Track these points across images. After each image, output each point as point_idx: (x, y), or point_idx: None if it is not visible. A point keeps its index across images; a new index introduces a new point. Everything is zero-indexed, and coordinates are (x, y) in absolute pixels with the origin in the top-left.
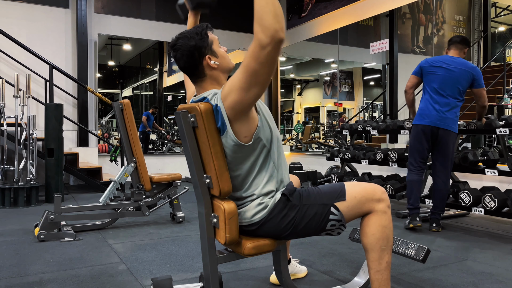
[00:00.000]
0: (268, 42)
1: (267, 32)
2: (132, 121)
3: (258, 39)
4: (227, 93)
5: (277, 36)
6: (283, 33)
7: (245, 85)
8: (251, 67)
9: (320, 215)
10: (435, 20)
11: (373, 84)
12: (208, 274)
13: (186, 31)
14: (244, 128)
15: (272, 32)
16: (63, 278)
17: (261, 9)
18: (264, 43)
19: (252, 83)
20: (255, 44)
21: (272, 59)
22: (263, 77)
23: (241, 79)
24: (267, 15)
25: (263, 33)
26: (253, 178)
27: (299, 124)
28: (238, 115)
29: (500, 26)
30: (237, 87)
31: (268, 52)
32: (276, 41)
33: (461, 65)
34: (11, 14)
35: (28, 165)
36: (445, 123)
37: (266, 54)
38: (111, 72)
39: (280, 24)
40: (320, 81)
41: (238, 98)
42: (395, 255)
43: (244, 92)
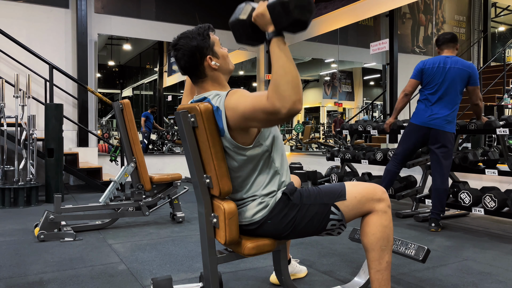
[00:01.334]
0: (283, 113)
1: (284, 103)
2: (132, 121)
3: (273, 105)
4: (230, 107)
5: (294, 108)
6: (301, 105)
7: (248, 117)
8: (259, 115)
9: (321, 215)
10: (435, 20)
11: (373, 84)
12: (208, 274)
13: (188, 31)
14: (244, 136)
15: (290, 104)
16: (63, 278)
17: (278, 78)
18: (279, 112)
19: (255, 120)
20: (269, 107)
21: (284, 121)
22: (268, 124)
23: (246, 111)
24: (285, 86)
25: (279, 102)
26: (254, 180)
27: (299, 124)
28: (236, 129)
29: (500, 26)
30: (241, 113)
31: (280, 118)
32: (292, 113)
33: (458, 64)
34: (11, 14)
35: (28, 165)
36: (440, 124)
37: (278, 119)
38: (111, 72)
39: (298, 96)
40: (320, 81)
41: (238, 121)
42: (395, 255)
43: (245, 120)
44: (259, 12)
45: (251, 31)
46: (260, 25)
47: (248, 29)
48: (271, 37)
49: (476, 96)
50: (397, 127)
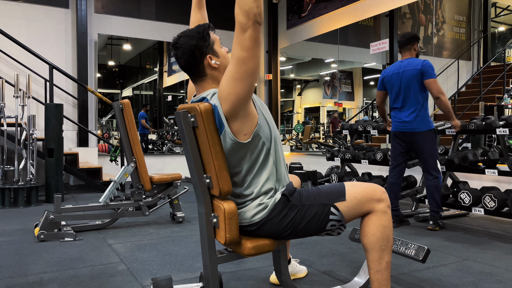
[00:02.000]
0: (246, 22)
1: (246, 15)
2: (132, 121)
3: (238, 22)
4: (222, 89)
5: (256, 19)
6: (261, 18)
7: (236, 74)
8: (238, 55)
9: (320, 215)
10: (435, 20)
11: (373, 84)
12: (208, 274)
13: (188, 30)
14: (243, 126)
15: (251, 15)
16: (63, 278)
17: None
18: (244, 25)
19: (242, 71)
20: (237, 30)
21: (255, 41)
22: (251, 64)
23: (231, 70)
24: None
25: (242, 16)
26: (254, 176)
27: (299, 124)
28: (236, 111)
29: (500, 26)
30: (229, 78)
31: (249, 34)
32: (254, 21)
33: (410, 66)
34: (11, 14)
35: (28, 165)
36: (409, 127)
37: (248, 37)
38: (111, 72)
39: (259, 9)
40: (320, 81)
41: (232, 90)
42: (395, 255)
43: (237, 81)
44: None
45: None
46: None
47: None
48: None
49: (433, 89)
50: None
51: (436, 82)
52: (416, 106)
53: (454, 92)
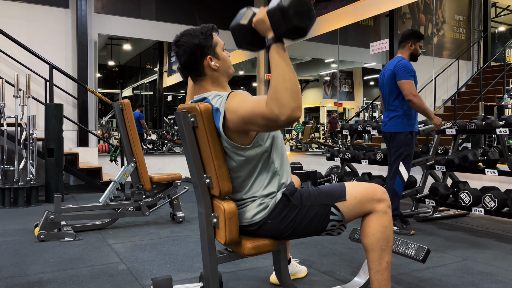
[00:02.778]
0: (282, 120)
1: (282, 110)
2: (132, 121)
3: (272, 112)
4: (230, 110)
5: (293, 115)
6: (300, 112)
7: (248, 121)
8: (258, 120)
9: (321, 216)
10: (435, 20)
11: (373, 84)
12: (208, 274)
13: (191, 29)
14: (242, 138)
15: (289, 111)
16: (63, 278)
17: (277, 84)
18: (278, 119)
19: (254, 125)
20: (268, 113)
21: (283, 128)
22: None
23: (246, 114)
24: (284, 92)
25: (278, 109)
26: (253, 181)
27: (299, 124)
28: (235, 132)
29: (500, 26)
30: (241, 116)
31: (279, 125)
32: (291, 120)
33: (389, 66)
34: (11, 14)
35: (28, 165)
36: (386, 127)
37: (277, 126)
38: (111, 72)
39: (297, 103)
40: (320, 81)
41: (237, 123)
42: (395, 255)
43: (245, 124)
44: (259, 18)
45: (251, 37)
46: (260, 30)
47: (248, 34)
48: (271, 43)
49: (404, 91)
50: None
51: (407, 83)
52: (395, 107)
53: (454, 92)
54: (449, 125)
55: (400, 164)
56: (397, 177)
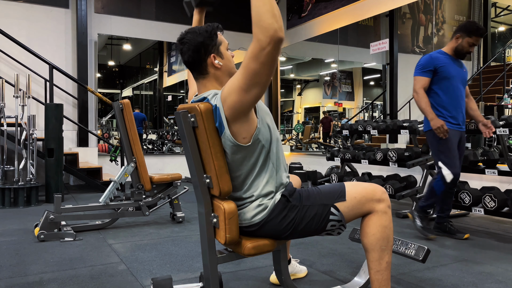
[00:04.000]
0: (267, 42)
1: (266, 33)
2: (132, 121)
3: (257, 39)
4: (226, 94)
5: (276, 35)
6: (282, 32)
7: (245, 85)
8: (251, 67)
9: (320, 216)
10: (435, 20)
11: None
12: (208, 274)
13: (196, 27)
14: (243, 129)
15: (271, 32)
16: (63, 278)
17: (258, 9)
18: (264, 44)
19: (252, 83)
20: (254, 45)
21: (272, 59)
22: (263, 77)
23: (241, 80)
24: (265, 15)
25: (262, 34)
26: (253, 179)
27: (299, 124)
28: (237, 116)
29: (500, 26)
30: (237, 87)
31: (268, 52)
32: (276, 41)
33: None
34: (11, 14)
35: (28, 165)
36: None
37: (266, 54)
38: (111, 72)
39: (279, 23)
40: (320, 81)
41: (238, 99)
42: (395, 255)
43: (244, 92)
44: None
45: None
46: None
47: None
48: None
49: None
50: (397, 127)
51: (415, 79)
52: None
53: None
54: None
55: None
56: (439, 175)
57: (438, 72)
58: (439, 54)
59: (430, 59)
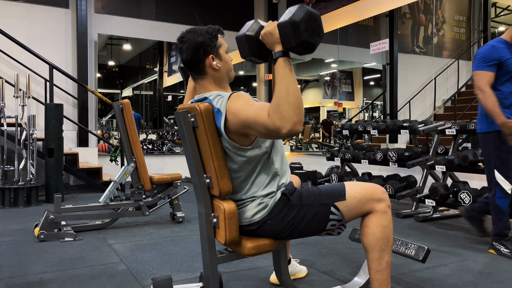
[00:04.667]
0: (283, 132)
1: (284, 123)
2: (132, 121)
3: (273, 124)
4: (231, 111)
5: (294, 129)
6: (301, 126)
7: (248, 126)
8: (259, 128)
9: (320, 215)
10: (435, 20)
11: (373, 84)
12: (208, 274)
13: (197, 27)
14: (242, 139)
15: (290, 125)
16: (63, 278)
17: (281, 97)
18: (279, 132)
19: (254, 131)
20: (269, 125)
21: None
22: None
23: (248, 119)
24: (287, 106)
25: (280, 121)
26: (253, 181)
27: None
28: (236, 133)
29: (500, 26)
30: (241, 120)
31: (280, 136)
32: (292, 134)
33: None
34: (11, 14)
35: (28, 165)
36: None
37: (277, 137)
38: (111, 72)
39: (299, 117)
40: (320, 81)
41: (237, 126)
42: (395, 255)
43: (245, 127)
44: (268, 31)
45: (257, 48)
46: (267, 43)
47: (254, 46)
48: (278, 57)
49: (474, 83)
50: (397, 127)
51: (477, 74)
52: None
53: (454, 92)
54: (449, 125)
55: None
56: (496, 189)
57: (503, 65)
58: (501, 44)
59: (493, 50)
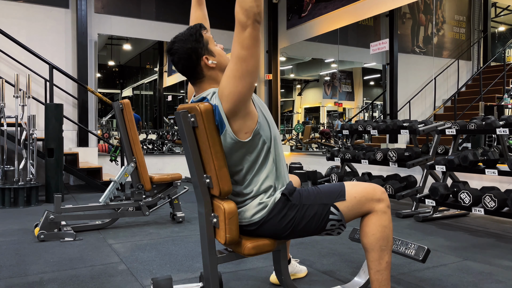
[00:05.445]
0: (246, 21)
1: (245, 13)
2: (132, 121)
3: (238, 21)
4: (222, 89)
5: (253, 13)
6: (260, 10)
7: (237, 73)
8: (238, 54)
9: (320, 215)
10: (435, 20)
11: (373, 84)
12: (208, 274)
13: (180, 34)
14: (244, 125)
15: (250, 12)
16: (63, 278)
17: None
18: (244, 24)
19: (242, 70)
20: (237, 28)
21: (255, 39)
22: (251, 62)
23: (232, 68)
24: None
25: (242, 14)
26: (254, 174)
27: (299, 124)
28: (237, 110)
29: (500, 26)
30: (230, 77)
31: (249, 33)
32: (254, 19)
33: None
34: (11, 14)
35: (28, 165)
36: None
37: (248, 36)
38: (111, 72)
39: (257, 2)
40: (320, 81)
41: (233, 89)
42: (395, 255)
43: (237, 80)
44: None
45: None
46: None
47: None
48: None
49: None
50: (397, 127)
51: None
52: None
53: (454, 92)
54: (449, 125)
55: None
56: None
57: None
58: None
59: None
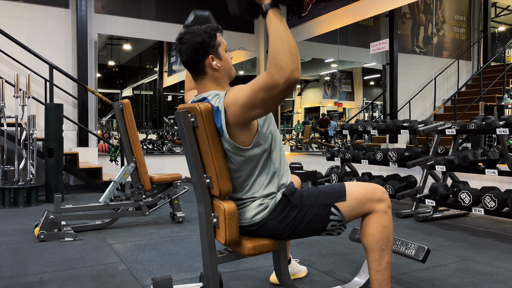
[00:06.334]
0: (282, 82)
1: (281, 73)
2: (132, 121)
3: (271, 77)
4: (230, 103)
5: (292, 77)
6: (299, 73)
7: (250, 104)
8: (259, 95)
9: (321, 216)
10: (435, 20)
11: (373, 84)
12: (208, 274)
13: (196, 27)
14: (242, 134)
15: (288, 73)
16: (63, 278)
17: (276, 47)
18: (278, 83)
19: (257, 105)
20: (267, 79)
21: (284, 96)
22: (270, 105)
23: (247, 98)
24: (282, 55)
25: (277, 73)
26: (254, 181)
27: (299, 124)
28: (238, 125)
29: (500, 26)
30: (241, 103)
31: (280, 90)
32: (291, 82)
33: None
34: (11, 14)
35: (28, 165)
36: None
37: (278, 92)
38: (111, 72)
39: (296, 64)
40: (320, 81)
41: (240, 113)
42: (395, 255)
43: (247, 110)
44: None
45: (246, 3)
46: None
47: (243, 1)
48: (268, 9)
49: None
50: (397, 127)
51: None
52: None
53: (454, 92)
54: (449, 125)
55: None
56: None
57: None
58: None
59: None
